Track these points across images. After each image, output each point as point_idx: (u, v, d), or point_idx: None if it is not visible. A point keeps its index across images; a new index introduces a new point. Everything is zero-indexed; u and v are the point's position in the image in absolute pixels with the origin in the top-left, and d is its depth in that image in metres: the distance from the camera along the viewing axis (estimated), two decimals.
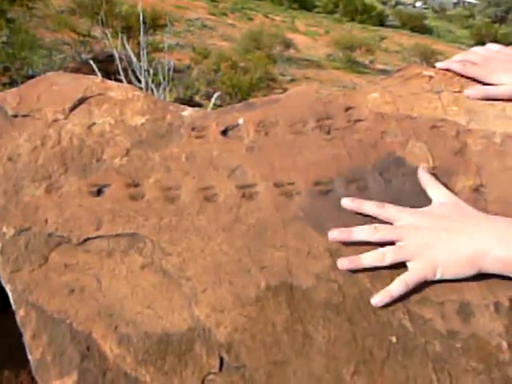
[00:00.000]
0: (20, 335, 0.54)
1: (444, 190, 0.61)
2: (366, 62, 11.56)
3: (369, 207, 0.59)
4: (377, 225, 0.57)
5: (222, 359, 0.50)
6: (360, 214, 0.60)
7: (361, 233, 0.57)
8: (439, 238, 0.55)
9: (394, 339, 0.51)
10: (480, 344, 0.51)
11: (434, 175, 0.63)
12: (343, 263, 0.55)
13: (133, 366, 0.49)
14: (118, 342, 0.50)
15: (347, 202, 0.60)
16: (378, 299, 0.53)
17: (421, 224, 0.57)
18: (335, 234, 0.57)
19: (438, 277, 0.54)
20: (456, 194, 0.62)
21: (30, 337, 0.51)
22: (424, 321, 0.52)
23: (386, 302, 0.53)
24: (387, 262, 0.55)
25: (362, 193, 0.62)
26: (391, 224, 0.58)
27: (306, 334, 0.51)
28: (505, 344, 0.51)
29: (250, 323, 0.52)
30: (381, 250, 0.56)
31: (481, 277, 0.55)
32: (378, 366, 0.49)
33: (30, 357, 0.51)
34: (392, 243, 0.56)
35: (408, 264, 0.55)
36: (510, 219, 0.56)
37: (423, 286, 0.54)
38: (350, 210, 0.60)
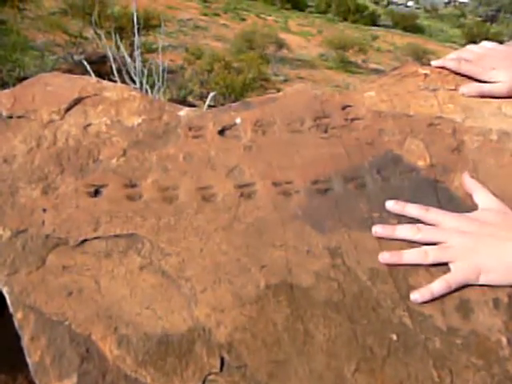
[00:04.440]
0: (16, 338, 0.53)
1: (490, 195, 0.61)
2: (359, 61, 11.60)
3: (412, 209, 0.59)
4: (420, 225, 0.57)
5: (222, 359, 0.49)
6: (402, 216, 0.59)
7: (403, 231, 0.57)
8: (485, 244, 0.55)
9: (394, 336, 0.51)
10: (480, 340, 0.51)
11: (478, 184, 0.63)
12: (384, 257, 0.55)
13: (133, 368, 0.49)
14: (118, 344, 0.50)
15: (391, 205, 0.60)
16: (418, 295, 0.53)
17: (466, 229, 0.56)
18: (378, 229, 0.57)
19: (480, 282, 0.54)
20: (454, 191, 0.63)
21: (29, 339, 0.51)
22: (424, 318, 0.52)
23: (427, 299, 0.53)
24: (429, 260, 0.55)
25: (360, 191, 0.62)
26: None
27: (306, 332, 0.51)
28: (504, 340, 0.51)
29: (251, 323, 0.51)
30: (424, 248, 0.56)
31: None
32: (378, 364, 0.49)
33: (28, 360, 0.51)
34: (433, 245, 0.56)
35: (451, 265, 0.55)
36: None
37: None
38: (393, 212, 0.60)
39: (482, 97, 0.74)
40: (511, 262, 0.54)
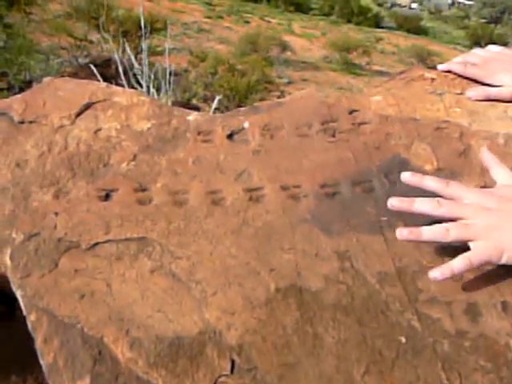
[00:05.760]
0: (26, 340, 0.54)
1: (509, 171, 0.58)
2: (363, 63, 11.60)
3: (431, 182, 0.56)
4: (440, 199, 0.54)
5: (233, 361, 0.50)
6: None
7: (423, 204, 0.54)
8: (508, 221, 0.52)
9: (403, 339, 0.51)
10: (488, 343, 0.51)
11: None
12: (402, 233, 0.53)
13: (145, 370, 0.49)
14: (130, 346, 0.51)
15: (407, 177, 0.57)
16: (437, 273, 0.51)
17: (489, 205, 0.54)
18: (394, 202, 0.55)
19: (503, 261, 0.52)
20: None
21: (42, 341, 0.51)
22: (432, 321, 0.53)
23: (446, 276, 0.51)
24: (451, 238, 0.52)
25: (368, 195, 0.63)
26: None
27: (316, 335, 0.51)
28: None
29: (261, 325, 0.52)
30: (444, 224, 0.53)
31: (488, 276, 0.55)
32: (388, 366, 0.50)
33: (41, 361, 0.51)
34: (453, 221, 0.53)
35: (471, 244, 0.53)
36: None
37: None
38: (410, 184, 0.57)
39: (489, 100, 0.74)
40: None
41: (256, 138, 0.69)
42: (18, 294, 0.55)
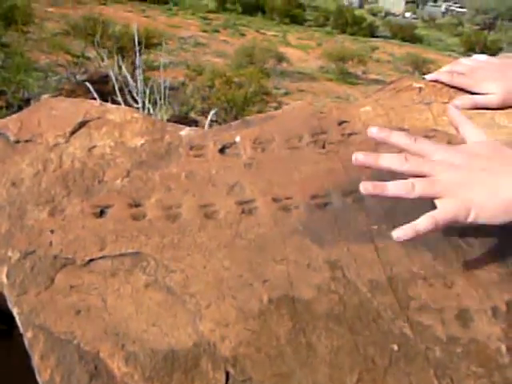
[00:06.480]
0: (25, 358, 0.54)
1: (478, 128, 0.56)
2: (359, 72, 11.70)
3: (398, 138, 0.54)
4: (408, 154, 0.52)
5: (227, 373, 0.50)
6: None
7: (389, 160, 0.52)
8: (477, 178, 0.50)
9: (395, 347, 0.52)
10: (480, 348, 0.52)
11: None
12: (366, 187, 0.51)
13: None
14: (125, 360, 0.51)
15: (374, 132, 0.54)
16: (400, 232, 0.49)
17: (457, 161, 0.51)
18: (359, 157, 0.52)
19: (470, 219, 0.49)
20: None
21: (39, 358, 0.52)
22: (424, 328, 0.53)
23: (410, 236, 0.49)
24: (415, 194, 0.50)
25: (359, 204, 0.64)
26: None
27: (309, 345, 0.52)
28: (504, 347, 0.52)
29: (254, 336, 0.52)
30: (410, 180, 0.51)
31: (478, 282, 0.56)
32: (380, 374, 0.50)
33: (38, 378, 0.52)
34: (421, 178, 0.52)
35: (437, 202, 0.50)
36: None
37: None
38: (377, 140, 0.55)
39: (476, 109, 0.76)
40: (502, 199, 0.49)
41: (247, 152, 0.70)
42: (15, 311, 0.55)
